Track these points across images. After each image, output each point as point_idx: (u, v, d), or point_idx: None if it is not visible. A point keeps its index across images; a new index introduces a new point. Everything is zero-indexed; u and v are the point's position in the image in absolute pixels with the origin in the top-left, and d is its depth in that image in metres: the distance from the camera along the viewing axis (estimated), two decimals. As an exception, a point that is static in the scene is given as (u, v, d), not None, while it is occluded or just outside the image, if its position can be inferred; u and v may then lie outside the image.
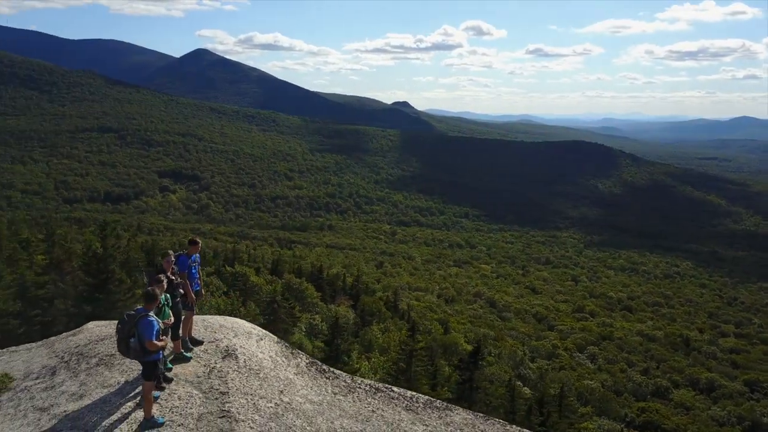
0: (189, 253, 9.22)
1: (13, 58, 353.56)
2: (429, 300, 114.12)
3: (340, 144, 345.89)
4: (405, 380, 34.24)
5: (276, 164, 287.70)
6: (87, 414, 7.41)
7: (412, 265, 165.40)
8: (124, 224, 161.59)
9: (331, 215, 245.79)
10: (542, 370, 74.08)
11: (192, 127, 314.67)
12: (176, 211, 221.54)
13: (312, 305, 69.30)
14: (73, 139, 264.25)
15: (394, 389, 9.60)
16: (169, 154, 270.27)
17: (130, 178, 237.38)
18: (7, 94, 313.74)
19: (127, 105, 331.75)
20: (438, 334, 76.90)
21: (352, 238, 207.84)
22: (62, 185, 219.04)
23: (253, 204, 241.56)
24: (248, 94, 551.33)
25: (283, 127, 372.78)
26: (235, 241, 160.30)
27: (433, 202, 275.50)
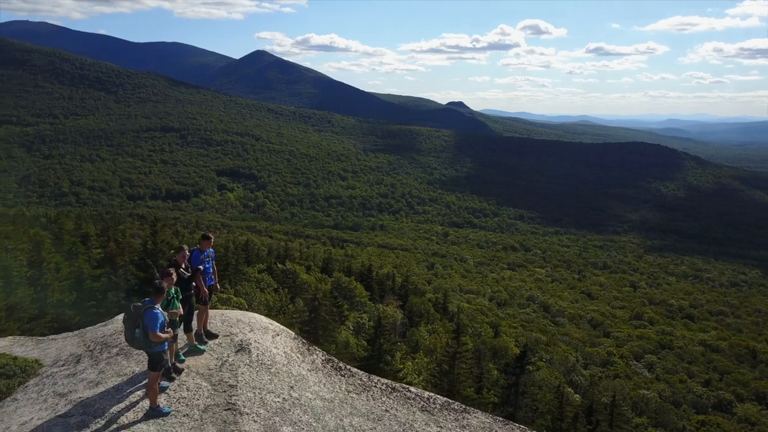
0: (202, 248, 9.27)
1: (83, 61, 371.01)
2: (480, 303, 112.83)
3: (393, 144, 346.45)
4: (448, 382, 33.89)
5: (330, 164, 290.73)
6: (98, 401, 7.54)
7: (464, 267, 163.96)
8: (184, 221, 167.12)
9: (383, 215, 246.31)
10: (595, 378, 71.96)
11: (250, 127, 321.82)
12: (233, 209, 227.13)
13: (360, 304, 69.55)
14: (137, 138, 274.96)
15: (411, 389, 9.37)
16: (228, 154, 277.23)
17: (190, 177, 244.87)
18: (78, 95, 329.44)
19: (189, 105, 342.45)
20: (487, 337, 75.86)
21: (404, 238, 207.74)
22: (127, 183, 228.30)
23: (308, 203, 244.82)
24: (304, 95, 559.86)
25: (338, 128, 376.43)
26: (289, 240, 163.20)
27: (487, 203, 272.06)
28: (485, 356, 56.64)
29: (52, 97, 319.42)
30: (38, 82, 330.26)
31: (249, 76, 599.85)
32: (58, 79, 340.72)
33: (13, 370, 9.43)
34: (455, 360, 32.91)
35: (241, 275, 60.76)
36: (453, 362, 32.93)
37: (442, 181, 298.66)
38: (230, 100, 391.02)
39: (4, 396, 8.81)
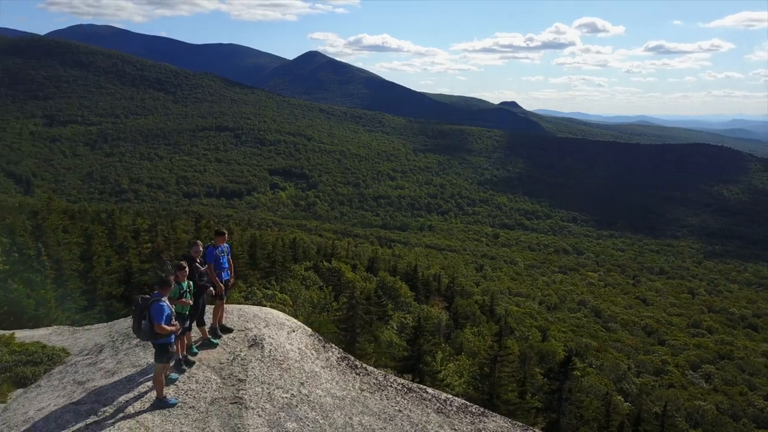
0: (216, 243, 9.32)
1: (144, 63, 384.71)
2: (529, 306, 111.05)
3: (443, 144, 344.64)
4: (488, 385, 33.32)
5: (380, 164, 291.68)
6: (111, 390, 7.67)
7: (513, 269, 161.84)
8: (236, 219, 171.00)
9: (432, 216, 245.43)
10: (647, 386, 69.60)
11: (302, 127, 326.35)
12: (285, 208, 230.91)
13: (405, 304, 69.43)
14: (193, 138, 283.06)
15: (428, 390, 9.15)
16: (280, 153, 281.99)
17: (243, 175, 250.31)
18: (138, 95, 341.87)
19: (243, 105, 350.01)
20: (535, 341, 74.53)
21: (453, 239, 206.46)
22: (182, 180, 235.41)
23: (357, 203, 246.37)
24: (356, 95, 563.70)
25: (389, 128, 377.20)
26: (337, 238, 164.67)
27: (539, 205, 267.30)
28: (531, 360, 55.55)
29: (114, 97, 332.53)
30: (101, 84, 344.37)
31: (302, 77, 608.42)
32: (120, 80, 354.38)
33: (41, 357, 9.75)
34: (496, 363, 32.31)
35: (288, 272, 61.61)
36: (494, 365, 32.34)
37: (493, 182, 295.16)
38: (283, 100, 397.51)
39: (30, 382, 9.11)
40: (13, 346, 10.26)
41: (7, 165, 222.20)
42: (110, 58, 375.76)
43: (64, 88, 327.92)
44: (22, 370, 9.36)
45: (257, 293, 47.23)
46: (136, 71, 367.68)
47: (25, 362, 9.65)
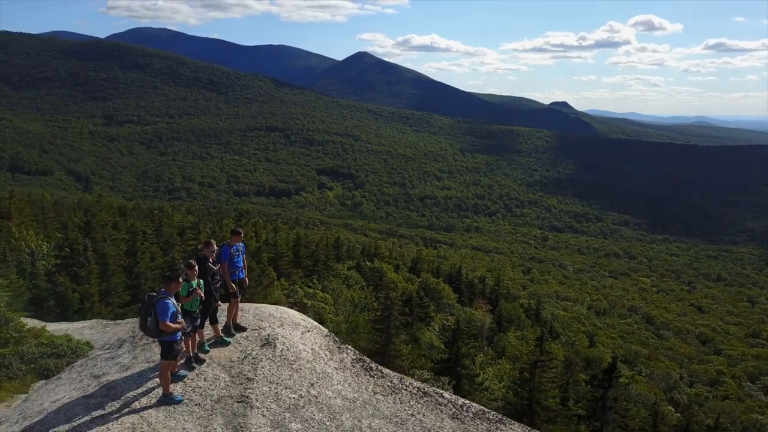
0: (231, 242, 9.31)
1: (197, 64, 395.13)
2: (578, 311, 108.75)
3: (491, 144, 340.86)
4: (528, 390, 32.59)
5: (426, 164, 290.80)
6: (122, 384, 7.75)
7: (562, 273, 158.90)
8: (284, 217, 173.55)
9: (479, 217, 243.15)
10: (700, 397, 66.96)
11: (350, 128, 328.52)
12: (332, 207, 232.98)
13: (448, 306, 68.89)
14: (244, 137, 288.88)
15: (444, 395, 8.89)
16: (328, 153, 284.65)
17: (292, 175, 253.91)
18: (191, 96, 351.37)
19: (292, 106, 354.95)
20: (582, 347, 72.85)
21: (500, 241, 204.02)
22: (233, 179, 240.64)
23: (403, 203, 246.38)
24: (404, 95, 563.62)
25: (436, 128, 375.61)
26: (382, 238, 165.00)
27: (590, 207, 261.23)
28: (576, 366, 54.20)
29: (168, 98, 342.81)
30: (157, 85, 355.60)
31: (351, 78, 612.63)
32: (174, 82, 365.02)
33: (65, 350, 9.98)
34: (536, 368, 31.56)
35: (331, 271, 61.99)
36: (534, 370, 31.61)
37: (542, 183, 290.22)
38: (332, 101, 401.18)
39: (53, 374, 9.33)
40: (42, 338, 10.56)
41: (68, 163, 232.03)
42: (166, 60, 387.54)
43: (122, 89, 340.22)
44: (46, 362, 9.61)
45: (299, 291, 47.68)
46: (190, 72, 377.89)
47: (50, 354, 9.90)
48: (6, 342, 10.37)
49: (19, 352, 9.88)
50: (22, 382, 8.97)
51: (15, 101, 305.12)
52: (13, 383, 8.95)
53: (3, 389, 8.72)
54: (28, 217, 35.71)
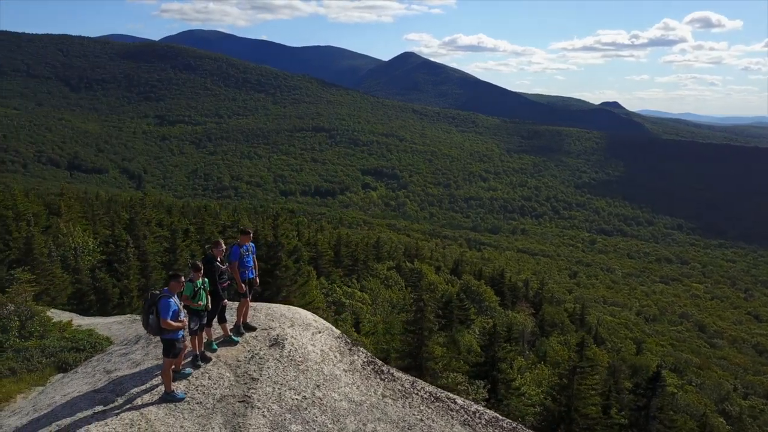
0: (240, 242, 9.31)
1: (246, 65, 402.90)
2: (625, 317, 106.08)
3: (538, 145, 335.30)
4: (566, 397, 31.77)
5: (472, 165, 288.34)
6: (129, 380, 7.82)
7: (610, 277, 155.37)
8: (329, 217, 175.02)
9: (525, 219, 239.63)
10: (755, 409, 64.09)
11: (395, 128, 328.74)
12: (375, 207, 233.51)
13: (489, 309, 68.09)
14: (291, 138, 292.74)
15: (457, 401, 8.64)
16: (373, 154, 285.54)
17: (337, 175, 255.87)
18: (240, 96, 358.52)
19: (338, 107, 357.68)
20: (628, 353, 70.89)
21: (546, 244, 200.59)
22: (280, 179, 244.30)
23: (447, 204, 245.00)
24: (450, 96, 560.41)
25: (482, 128, 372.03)
26: (425, 239, 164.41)
27: (641, 210, 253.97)
28: (621, 374, 52.65)
29: (218, 98, 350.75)
30: (207, 85, 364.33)
31: (397, 78, 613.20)
32: (224, 83, 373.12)
33: (84, 345, 10.18)
34: (575, 374, 30.73)
35: (370, 271, 62.10)
36: (572, 376, 30.78)
37: (591, 185, 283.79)
38: (377, 101, 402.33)
39: (70, 368, 9.52)
40: (66, 332, 10.82)
41: (122, 162, 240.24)
42: (216, 61, 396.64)
43: (174, 90, 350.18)
44: (66, 355, 9.83)
45: (337, 291, 47.91)
46: (239, 73, 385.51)
47: (70, 348, 10.12)
48: (30, 335, 10.69)
49: (40, 346, 10.16)
50: (41, 375, 9.19)
51: (74, 102, 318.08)
52: (33, 375, 9.19)
53: (23, 381, 8.96)
54: (76, 213, 36.99)
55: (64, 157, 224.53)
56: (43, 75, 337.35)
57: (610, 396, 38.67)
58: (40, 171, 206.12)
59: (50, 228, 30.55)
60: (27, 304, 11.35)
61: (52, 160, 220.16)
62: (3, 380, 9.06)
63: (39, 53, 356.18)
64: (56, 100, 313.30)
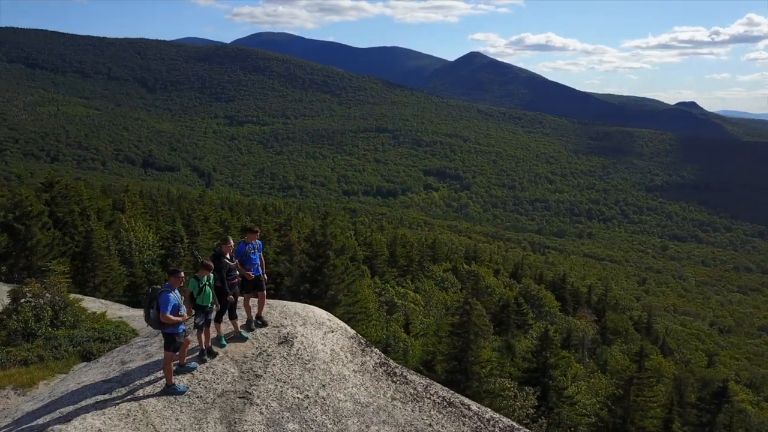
0: (247, 240, 9.37)
1: (313, 67, 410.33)
2: (697, 327, 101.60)
3: (608, 147, 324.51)
4: (622, 408, 30.48)
5: (538, 166, 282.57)
6: (137, 372, 7.93)
7: (682, 285, 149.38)
8: (390, 217, 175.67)
9: (592, 223, 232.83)
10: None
11: (459, 129, 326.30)
12: (437, 208, 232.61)
13: (549, 314, 66.51)
14: (354, 138, 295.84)
15: (472, 407, 8.29)
16: (436, 154, 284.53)
17: (399, 175, 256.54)
18: (307, 97, 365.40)
19: (402, 107, 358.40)
20: (698, 366, 67.60)
21: (614, 249, 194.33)
22: (343, 179, 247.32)
23: (511, 206, 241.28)
24: (516, 96, 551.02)
25: (549, 129, 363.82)
26: (487, 241, 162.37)
27: (718, 216, 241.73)
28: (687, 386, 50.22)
29: (285, 99, 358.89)
30: (275, 87, 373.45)
31: (462, 78, 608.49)
32: (291, 84, 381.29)
33: (109, 336, 10.50)
34: (631, 385, 29.40)
35: (425, 272, 61.78)
36: (628, 387, 29.47)
37: (663, 189, 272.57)
38: (442, 101, 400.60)
39: (93, 357, 9.83)
40: (97, 323, 11.19)
41: (192, 160, 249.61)
42: (284, 63, 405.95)
43: (243, 92, 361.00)
44: (91, 345, 10.16)
45: (390, 291, 47.89)
46: (306, 75, 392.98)
47: (95, 339, 10.45)
48: (62, 324, 11.12)
49: (69, 335, 10.55)
50: (66, 363, 9.52)
51: (150, 103, 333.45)
52: (58, 363, 9.53)
53: (48, 368, 9.31)
54: (140, 210, 38.60)
55: (139, 155, 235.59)
56: (122, 77, 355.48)
57: (672, 409, 36.89)
58: (117, 168, 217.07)
59: (113, 223, 31.97)
60: (62, 294, 11.82)
61: (128, 158, 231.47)
62: (31, 366, 9.46)
63: (119, 56, 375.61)
64: (133, 101, 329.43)
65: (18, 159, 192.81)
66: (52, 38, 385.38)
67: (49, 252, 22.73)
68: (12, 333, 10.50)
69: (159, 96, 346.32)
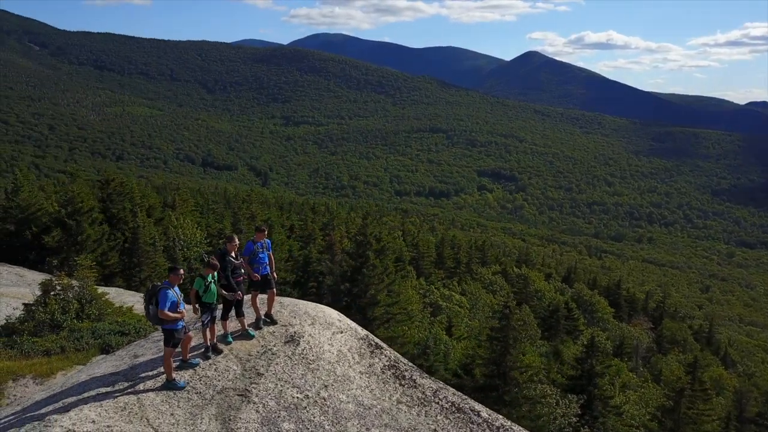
0: (255, 239, 9.43)
1: (368, 67, 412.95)
2: (764, 338, 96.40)
3: (671, 148, 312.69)
4: (672, 420, 29.12)
5: (596, 168, 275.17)
6: (143, 366, 8.02)
7: (749, 294, 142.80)
8: (441, 218, 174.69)
9: (653, 227, 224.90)
10: None
11: (515, 129, 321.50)
12: (491, 210, 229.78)
13: (602, 321, 64.73)
14: (407, 139, 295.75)
15: (482, 414, 7.99)
16: (491, 155, 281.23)
17: (452, 176, 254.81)
18: (362, 98, 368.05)
19: (457, 107, 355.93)
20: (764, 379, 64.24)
21: (676, 255, 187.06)
22: (395, 179, 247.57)
23: (568, 208, 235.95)
24: (574, 96, 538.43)
25: (608, 130, 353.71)
26: (541, 245, 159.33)
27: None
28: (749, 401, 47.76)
29: (341, 100, 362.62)
30: (331, 87, 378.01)
31: (519, 78, 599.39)
32: (347, 84, 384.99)
33: (129, 329, 10.73)
34: (682, 397, 28.03)
35: (473, 275, 61.02)
36: (679, 399, 28.10)
37: (730, 193, 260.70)
38: (497, 101, 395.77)
39: (113, 350, 10.05)
40: (125, 317, 11.47)
41: (249, 160, 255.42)
42: (339, 63, 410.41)
43: (300, 92, 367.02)
44: (110, 338, 10.41)
45: (435, 293, 47.52)
46: (361, 75, 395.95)
47: (116, 332, 10.71)
48: (87, 317, 11.46)
49: (92, 328, 10.85)
50: (85, 355, 9.79)
51: (209, 103, 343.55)
52: (78, 355, 9.81)
53: (68, 359, 9.59)
54: (190, 207, 39.70)
55: (198, 155, 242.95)
56: (184, 78, 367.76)
57: (729, 424, 35.18)
58: (178, 167, 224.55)
59: (163, 220, 32.96)
60: (89, 288, 12.19)
61: (188, 157, 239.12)
62: (52, 357, 9.77)
63: (181, 58, 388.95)
64: (194, 102, 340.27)
65: (86, 157, 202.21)
66: (120, 41, 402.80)
67: (98, 247, 23.65)
68: (39, 324, 10.94)
69: (218, 96, 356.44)
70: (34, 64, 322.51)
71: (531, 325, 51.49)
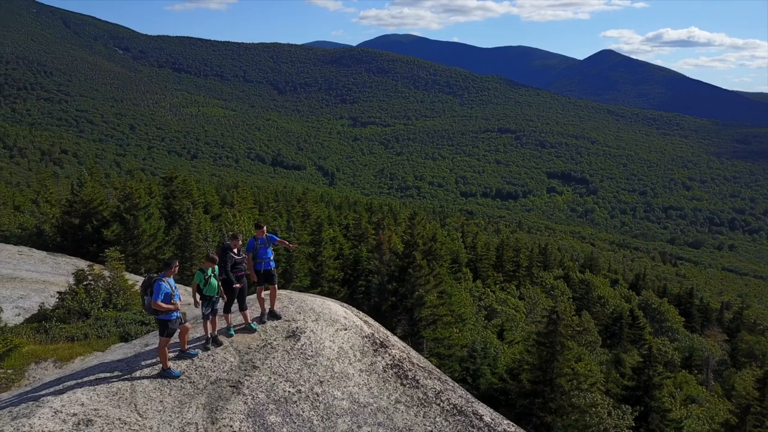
0: (256, 236, 9.52)
1: (436, 67, 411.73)
2: None
3: (757, 150, 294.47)
4: (736, 440, 27.24)
5: (673, 171, 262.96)
6: (146, 354, 8.18)
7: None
8: (507, 220, 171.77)
9: (735, 234, 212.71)
10: None
11: (586, 130, 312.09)
12: (560, 213, 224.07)
13: (671, 330, 61.84)
14: (475, 139, 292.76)
15: (485, 418, 7.67)
16: (561, 156, 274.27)
17: (520, 177, 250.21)
18: (429, 98, 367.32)
19: (527, 107, 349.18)
20: None
21: (761, 264, 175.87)
22: (461, 180, 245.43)
23: (642, 212, 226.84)
24: (651, 95, 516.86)
25: (687, 131, 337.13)
26: (612, 249, 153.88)
27: None
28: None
29: (408, 100, 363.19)
30: (399, 88, 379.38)
31: (592, 77, 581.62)
32: (414, 85, 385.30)
33: (149, 320, 11.05)
34: (747, 414, 26.20)
35: (533, 279, 59.55)
36: (744, 416, 26.27)
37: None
38: (568, 101, 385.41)
39: (131, 339, 10.39)
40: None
41: (318, 159, 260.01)
42: (407, 64, 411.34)
43: (367, 93, 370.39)
44: (130, 327, 10.76)
45: (490, 296, 46.66)
46: (429, 76, 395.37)
47: (137, 321, 11.06)
48: (114, 306, 11.90)
49: (116, 317, 11.26)
50: (105, 342, 10.17)
51: (280, 104, 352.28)
52: (99, 342, 10.20)
53: (89, 346, 9.99)
54: (249, 205, 40.73)
55: (269, 154, 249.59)
56: (256, 79, 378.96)
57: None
58: (249, 166, 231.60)
59: (220, 216, 33.95)
60: (117, 279, 12.68)
61: (259, 156, 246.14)
62: (75, 343, 10.21)
63: (254, 60, 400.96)
64: (265, 102, 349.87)
65: (163, 156, 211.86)
66: (196, 45, 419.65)
67: (153, 241, 24.64)
68: (69, 311, 11.48)
69: (288, 97, 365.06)
70: (118, 67, 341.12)
71: (591, 331, 49.68)
